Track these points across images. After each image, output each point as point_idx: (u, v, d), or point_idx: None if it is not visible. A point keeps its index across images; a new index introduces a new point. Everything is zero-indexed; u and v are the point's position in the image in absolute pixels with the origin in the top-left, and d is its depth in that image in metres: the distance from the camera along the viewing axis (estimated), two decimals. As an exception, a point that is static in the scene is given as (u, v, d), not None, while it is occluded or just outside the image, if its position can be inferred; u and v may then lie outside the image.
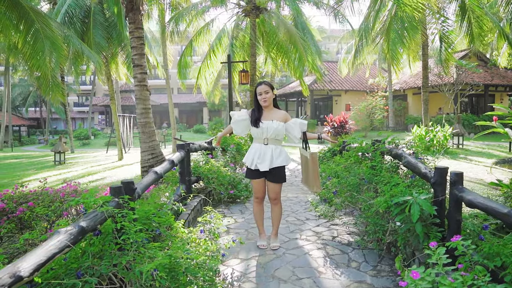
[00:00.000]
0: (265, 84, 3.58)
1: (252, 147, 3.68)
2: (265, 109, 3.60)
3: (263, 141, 3.57)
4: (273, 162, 3.52)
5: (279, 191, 3.67)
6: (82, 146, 31.68)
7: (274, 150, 3.55)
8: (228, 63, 10.77)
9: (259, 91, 3.57)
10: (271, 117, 3.56)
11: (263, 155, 3.54)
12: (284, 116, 3.62)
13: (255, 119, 3.56)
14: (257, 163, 3.55)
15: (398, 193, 3.02)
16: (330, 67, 28.09)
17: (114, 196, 2.66)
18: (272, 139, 3.55)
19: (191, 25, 16.19)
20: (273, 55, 16.28)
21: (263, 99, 3.53)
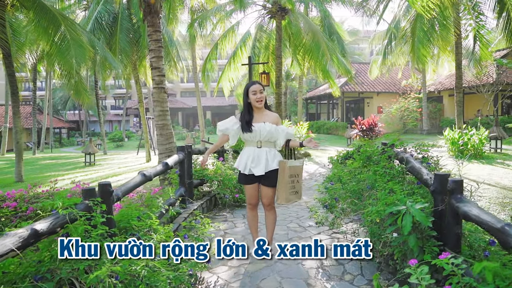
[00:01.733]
0: (258, 84, 3.42)
1: (244, 152, 3.51)
2: (256, 111, 3.42)
3: (256, 144, 3.41)
4: (268, 165, 3.35)
5: (273, 196, 3.49)
6: (115, 148, 32.71)
7: (269, 152, 3.39)
8: (249, 64, 10.64)
9: (253, 90, 3.37)
10: (262, 119, 3.40)
11: (257, 159, 3.38)
12: (276, 118, 3.45)
13: (246, 122, 3.38)
14: (251, 168, 3.39)
15: (394, 201, 2.74)
16: (362, 69, 27.36)
17: (86, 198, 2.57)
18: (266, 141, 3.40)
19: (216, 28, 16.28)
20: (299, 57, 16.05)
21: (259, 99, 3.35)
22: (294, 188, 3.42)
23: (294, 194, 3.42)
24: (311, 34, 13.46)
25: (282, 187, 3.32)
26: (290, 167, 3.33)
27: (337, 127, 24.14)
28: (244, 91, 3.45)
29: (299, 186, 3.48)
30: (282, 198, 3.36)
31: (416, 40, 9.94)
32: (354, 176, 3.91)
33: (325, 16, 15.92)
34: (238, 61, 15.15)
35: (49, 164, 16.62)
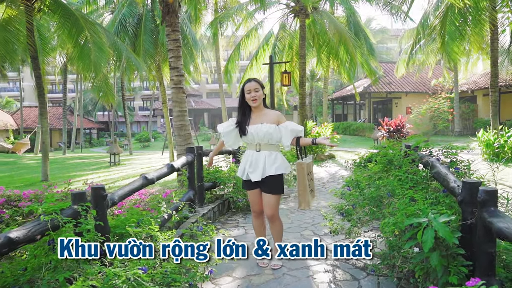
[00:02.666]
0: (255, 81, 3.15)
1: (244, 155, 3.30)
2: (253, 111, 3.17)
3: (255, 147, 3.16)
4: (265, 170, 3.08)
5: (275, 205, 3.15)
6: (142, 148, 33.22)
7: (268, 156, 3.11)
8: (270, 64, 10.39)
9: (247, 88, 3.11)
10: (260, 120, 3.12)
11: (255, 163, 3.12)
12: (277, 117, 3.16)
13: (239, 125, 3.16)
14: (248, 172, 3.15)
15: (415, 212, 2.41)
16: (390, 68, 26.51)
17: (75, 202, 2.40)
18: (266, 144, 3.12)
19: (239, 28, 16.14)
20: (323, 57, 15.66)
21: (252, 97, 3.08)
22: (310, 186, 3.22)
23: (311, 193, 3.23)
24: (335, 33, 13.07)
25: (304, 191, 3.09)
26: (307, 165, 3.16)
27: (363, 128, 23.47)
28: (240, 90, 3.23)
29: (313, 184, 3.30)
30: (306, 203, 3.11)
31: (446, 35, 9.35)
32: (374, 181, 3.57)
33: (350, 14, 15.43)
34: (260, 61, 14.94)
35: (76, 164, 16.95)
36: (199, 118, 48.51)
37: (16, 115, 36.95)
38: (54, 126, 37.40)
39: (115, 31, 14.77)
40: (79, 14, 9.99)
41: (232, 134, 3.20)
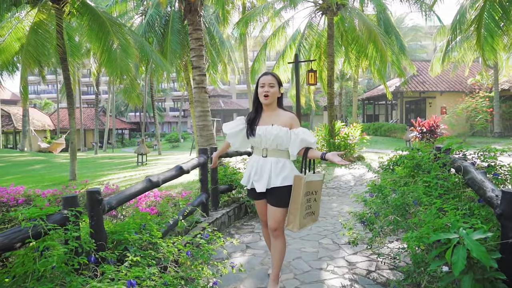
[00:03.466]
0: (271, 75, 2.75)
1: (249, 160, 2.91)
2: (265, 110, 2.78)
3: (261, 152, 2.76)
4: (270, 180, 2.68)
5: (280, 219, 2.71)
6: (171, 149, 33.65)
7: (275, 164, 2.69)
8: (295, 62, 10.09)
9: (261, 81, 2.73)
10: (271, 120, 2.72)
11: (260, 171, 2.72)
12: (290, 120, 2.71)
13: (249, 123, 2.78)
14: (253, 181, 2.77)
15: (444, 225, 2.07)
16: (424, 67, 25.45)
17: (66, 207, 2.23)
18: (274, 150, 2.71)
19: (266, 28, 15.93)
20: (352, 56, 15.17)
21: (264, 92, 2.68)
22: (310, 208, 2.70)
23: (310, 216, 2.72)
24: (364, 31, 12.56)
25: (296, 210, 2.58)
26: (307, 183, 2.60)
27: (395, 129, 22.63)
28: (256, 83, 2.79)
29: (316, 206, 2.77)
30: (295, 224, 2.59)
31: (483, 29, 8.69)
32: (399, 187, 3.22)
33: (381, 11, 14.84)
34: (287, 61, 14.64)
35: (105, 163, 17.28)
36: (229, 118, 48.77)
37: (54, 116, 38.47)
38: (88, 127, 38.61)
39: (142, 33, 14.93)
40: (105, 17, 10.09)
41: (239, 135, 2.84)
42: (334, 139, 12.63)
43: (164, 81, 22.08)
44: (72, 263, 2.07)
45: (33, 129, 30.88)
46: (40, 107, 43.97)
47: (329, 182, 8.76)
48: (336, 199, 6.74)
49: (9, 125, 32.05)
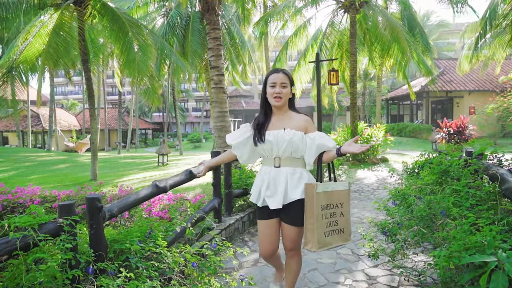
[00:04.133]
0: (283, 73, 2.38)
1: (259, 173, 2.50)
2: (275, 113, 2.43)
3: (273, 162, 2.37)
4: (288, 194, 2.30)
5: (298, 238, 2.39)
6: (193, 149, 33.83)
7: (291, 175, 2.33)
8: (316, 62, 9.80)
9: (272, 80, 2.37)
10: (282, 124, 2.37)
11: (273, 185, 2.34)
12: (305, 123, 2.38)
13: (258, 127, 2.41)
14: (265, 197, 2.36)
15: (477, 243, 1.81)
16: (451, 65, 24.55)
17: (61, 215, 2.10)
18: (288, 158, 2.34)
19: (287, 26, 15.69)
20: (376, 55, 14.74)
21: (275, 94, 2.33)
22: (336, 225, 2.30)
23: (336, 234, 2.30)
24: (387, 29, 12.15)
25: (312, 225, 2.20)
26: (322, 194, 2.23)
27: (420, 129, 21.92)
28: (263, 82, 2.43)
29: (344, 222, 2.35)
30: (314, 243, 2.20)
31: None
32: (425, 195, 2.95)
33: (405, 8, 14.34)
34: (308, 61, 14.37)
35: (126, 163, 17.44)
36: (250, 118, 48.58)
37: (79, 116, 39.43)
38: (112, 127, 39.36)
39: (163, 34, 14.98)
40: (125, 18, 10.12)
41: (247, 144, 2.46)
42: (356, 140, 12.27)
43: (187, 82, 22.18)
44: (66, 276, 1.93)
45: (60, 129, 31.71)
46: (67, 108, 45.19)
47: (351, 185, 8.46)
48: (357, 203, 6.45)
49: (37, 125, 33.03)
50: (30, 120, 28.88)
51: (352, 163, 12.19)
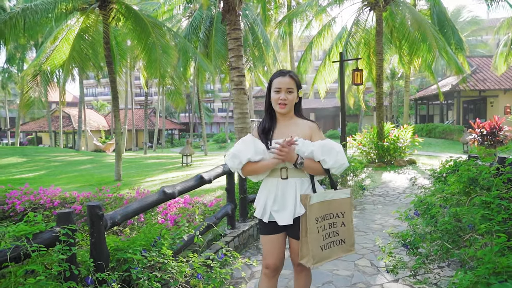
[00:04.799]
0: (289, 77, 2.18)
1: (263, 185, 2.25)
2: (279, 119, 2.24)
3: (279, 174, 2.15)
4: (297, 208, 2.09)
5: None
6: (218, 149, 33.99)
7: (300, 186, 2.13)
8: (340, 61, 9.55)
9: (277, 85, 2.17)
10: (289, 132, 2.17)
11: (281, 198, 2.13)
12: (309, 130, 2.20)
13: (264, 134, 2.20)
14: (272, 212, 2.15)
15: (508, 269, 1.59)
16: (484, 63, 23.48)
17: (59, 224, 2.02)
18: (296, 168, 2.12)
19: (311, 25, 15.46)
20: (404, 53, 14.27)
21: (281, 100, 2.15)
22: (337, 235, 2.13)
23: (336, 245, 2.13)
24: (415, 26, 11.70)
25: (306, 238, 2.03)
26: (317, 205, 2.04)
27: (451, 130, 21.07)
28: (268, 85, 2.25)
29: (346, 232, 2.16)
30: (309, 258, 2.02)
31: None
32: (451, 206, 2.71)
33: (434, 4, 13.79)
34: (332, 60, 14.08)
35: (151, 164, 17.67)
36: (275, 119, 48.46)
37: (108, 117, 40.46)
38: (140, 127, 40.15)
39: (187, 35, 15.06)
40: (147, 20, 10.21)
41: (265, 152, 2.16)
42: (382, 141, 11.91)
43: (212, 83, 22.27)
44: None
45: (89, 129, 32.62)
46: (97, 109, 46.49)
47: (375, 188, 8.15)
48: (381, 209, 6.18)
49: (69, 126, 34.15)
50: (61, 120, 29.86)
51: (377, 165, 11.82)
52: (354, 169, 6.45)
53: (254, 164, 2.12)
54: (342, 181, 6.81)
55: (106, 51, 10.58)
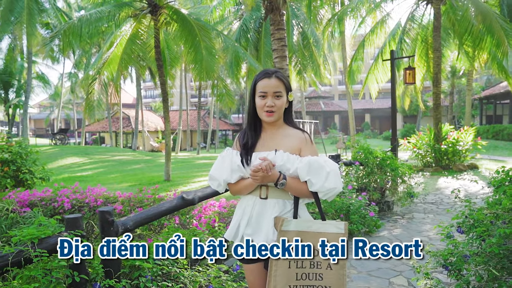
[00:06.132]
0: (276, 79, 1.82)
1: (240, 203, 1.92)
2: (266, 128, 1.90)
3: (259, 192, 1.81)
4: (270, 234, 1.74)
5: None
6: (268, 150, 33.99)
7: (279, 210, 1.77)
8: (391, 59, 9.02)
9: (262, 88, 1.81)
10: (274, 144, 1.84)
11: (256, 221, 1.79)
12: (298, 142, 1.85)
13: (245, 148, 1.85)
14: (245, 235, 1.81)
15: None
16: None
17: (67, 229, 2.01)
18: (277, 188, 1.78)
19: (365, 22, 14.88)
20: (467, 49, 13.23)
21: (267, 107, 1.80)
22: (321, 279, 1.65)
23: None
24: (480, 18, 10.74)
25: (270, 277, 1.64)
26: (294, 234, 1.66)
27: (523, 133, 19.22)
28: (251, 86, 1.87)
29: (333, 278, 1.65)
30: None
31: None
32: (503, 223, 2.34)
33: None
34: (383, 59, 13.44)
35: (202, 164, 18.05)
36: (330, 120, 47.59)
37: (165, 118, 42.11)
38: (195, 128, 41.35)
39: (237, 37, 15.18)
40: (194, 22, 10.40)
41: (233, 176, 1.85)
42: (440, 144, 11.09)
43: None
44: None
45: (147, 130, 34.19)
46: (154, 110, 48.66)
47: (427, 195, 7.57)
48: (432, 218, 5.68)
49: (128, 127, 36.07)
50: (121, 121, 31.60)
51: (434, 169, 11.03)
52: (403, 174, 6.01)
53: (235, 186, 1.83)
54: (391, 187, 6.39)
55: (157, 54, 10.94)
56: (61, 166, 14.90)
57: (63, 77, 35.52)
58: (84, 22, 9.91)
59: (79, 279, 1.89)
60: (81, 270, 1.97)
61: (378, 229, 4.87)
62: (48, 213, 5.39)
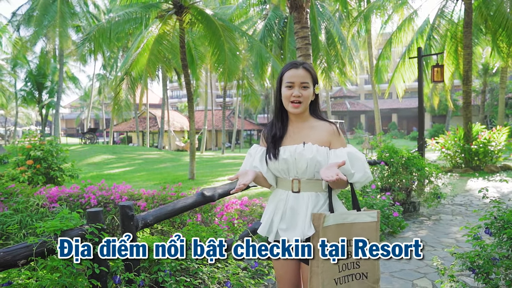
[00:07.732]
0: (303, 69, 1.78)
1: (272, 198, 1.89)
2: (292, 120, 1.86)
3: (290, 186, 1.78)
4: (306, 228, 1.71)
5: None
6: (294, 150, 33.83)
7: (313, 203, 1.75)
8: (418, 57, 8.77)
9: (289, 79, 1.77)
10: (301, 137, 1.80)
11: (290, 215, 1.77)
12: (327, 134, 1.79)
13: (272, 140, 1.83)
14: (279, 230, 1.80)
15: None
16: None
17: (89, 222, 2.06)
18: (309, 180, 1.76)
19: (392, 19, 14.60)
20: (502, 44, 12.71)
21: (294, 97, 1.76)
22: (357, 267, 1.71)
23: (356, 279, 1.71)
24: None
25: (317, 267, 1.65)
26: (334, 228, 1.66)
27: (560, 133, 18.23)
28: (277, 78, 1.85)
29: (369, 264, 1.72)
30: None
31: None
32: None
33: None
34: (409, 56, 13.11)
35: (226, 164, 18.17)
36: (356, 120, 46.88)
37: (190, 118, 42.68)
38: (220, 128, 41.71)
39: (262, 37, 15.19)
40: (218, 23, 10.49)
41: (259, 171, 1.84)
42: (470, 144, 10.70)
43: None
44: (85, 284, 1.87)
45: (173, 129, 34.75)
46: (180, 110, 49.42)
47: (456, 196, 7.33)
48: (460, 220, 5.49)
49: (155, 126, 36.80)
50: (148, 121, 32.28)
51: (464, 171, 10.66)
52: (429, 174, 5.84)
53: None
54: (417, 188, 6.23)
55: (182, 54, 11.09)
56: (90, 164, 15.37)
57: (93, 78, 36.64)
58: (113, 24, 10.19)
59: (99, 271, 1.94)
60: (102, 263, 2.02)
61: (402, 230, 4.75)
62: (75, 208, 5.56)
